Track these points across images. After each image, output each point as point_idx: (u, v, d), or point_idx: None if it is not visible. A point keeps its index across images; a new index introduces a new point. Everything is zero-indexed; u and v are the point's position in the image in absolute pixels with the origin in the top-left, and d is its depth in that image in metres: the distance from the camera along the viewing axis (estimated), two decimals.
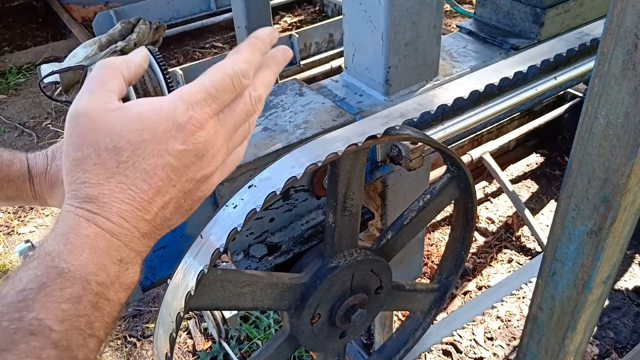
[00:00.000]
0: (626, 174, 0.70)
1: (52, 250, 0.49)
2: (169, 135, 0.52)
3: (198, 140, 0.54)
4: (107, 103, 0.54)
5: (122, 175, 0.52)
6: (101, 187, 0.51)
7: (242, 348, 2.17)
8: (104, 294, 0.50)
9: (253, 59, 0.59)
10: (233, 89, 0.56)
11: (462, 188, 1.04)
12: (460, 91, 1.06)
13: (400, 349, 1.24)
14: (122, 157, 0.52)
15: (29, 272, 0.48)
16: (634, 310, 2.24)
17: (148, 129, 0.52)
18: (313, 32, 3.56)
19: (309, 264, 0.95)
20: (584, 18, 1.41)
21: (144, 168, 0.52)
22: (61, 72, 1.95)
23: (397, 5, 1.04)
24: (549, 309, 0.94)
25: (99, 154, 0.52)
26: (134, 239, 0.53)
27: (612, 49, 0.65)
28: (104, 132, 0.52)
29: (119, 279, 0.52)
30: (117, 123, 0.52)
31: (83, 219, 0.51)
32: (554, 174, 2.96)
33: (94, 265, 0.49)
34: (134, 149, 0.52)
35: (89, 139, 0.52)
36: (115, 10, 3.73)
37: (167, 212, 0.55)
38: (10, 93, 4.02)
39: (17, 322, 0.44)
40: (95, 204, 0.51)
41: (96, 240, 0.50)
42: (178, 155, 0.53)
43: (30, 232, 2.84)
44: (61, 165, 0.81)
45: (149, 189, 0.52)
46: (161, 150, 0.52)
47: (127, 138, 0.52)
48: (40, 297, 0.46)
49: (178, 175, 0.54)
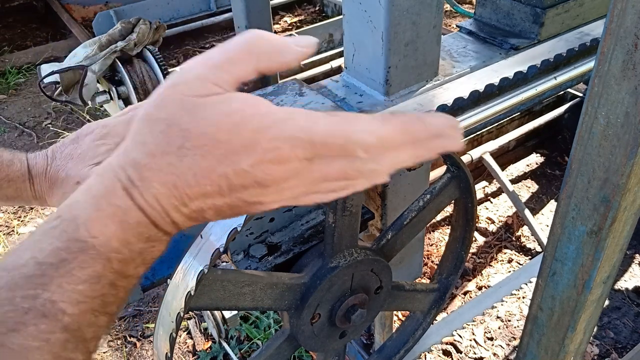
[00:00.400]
0: (626, 174, 0.70)
1: (79, 214, 0.46)
2: (244, 151, 0.46)
3: (269, 172, 0.47)
4: (215, 85, 0.48)
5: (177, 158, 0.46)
6: (152, 159, 0.47)
7: (242, 348, 2.18)
8: (123, 272, 0.47)
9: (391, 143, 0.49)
10: (341, 152, 0.48)
11: (462, 188, 1.04)
12: (460, 91, 1.07)
13: (400, 349, 1.24)
14: (187, 144, 0.46)
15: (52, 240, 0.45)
16: (634, 310, 2.24)
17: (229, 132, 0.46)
18: (313, 32, 3.56)
19: (309, 264, 0.95)
20: (584, 18, 1.41)
21: (200, 165, 0.47)
22: (61, 72, 1.95)
23: (397, 5, 1.04)
24: (549, 309, 0.94)
25: (170, 125, 0.47)
26: (164, 222, 0.49)
27: (612, 49, 0.65)
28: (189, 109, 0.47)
29: (142, 255, 0.49)
30: (207, 109, 0.47)
31: (119, 185, 0.47)
32: (554, 174, 2.96)
33: (119, 241, 0.46)
34: (203, 142, 0.46)
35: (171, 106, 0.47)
36: (115, 10, 3.73)
37: (206, 214, 0.50)
38: (10, 93, 4.03)
39: (31, 301, 0.43)
40: (138, 173, 0.47)
41: (126, 214, 0.46)
42: (241, 174, 0.47)
43: (30, 232, 2.84)
44: (61, 165, 0.81)
45: (196, 186, 0.47)
46: (227, 159, 0.47)
47: (204, 128, 0.46)
48: (57, 276, 0.44)
49: (230, 191, 0.48)
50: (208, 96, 0.47)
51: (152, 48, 2.04)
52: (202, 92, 0.47)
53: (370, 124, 0.49)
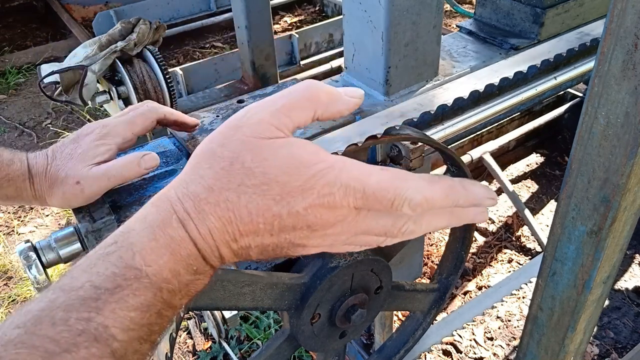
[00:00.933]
0: (626, 174, 0.70)
1: (136, 241, 0.48)
2: (300, 193, 0.50)
3: (321, 216, 0.51)
4: (277, 130, 0.51)
5: (236, 195, 0.49)
6: (210, 193, 0.49)
7: (242, 348, 2.17)
8: (170, 302, 0.49)
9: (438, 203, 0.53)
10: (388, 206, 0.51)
11: None
12: (460, 91, 1.06)
13: (400, 349, 1.24)
14: (248, 182, 0.49)
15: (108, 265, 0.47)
16: (634, 310, 2.24)
17: (288, 174, 0.50)
18: (313, 32, 3.56)
19: (309, 264, 0.95)
20: (584, 18, 1.41)
21: (257, 203, 0.50)
22: (61, 72, 1.95)
23: (397, 5, 1.04)
24: (549, 309, 0.94)
25: (232, 163, 0.50)
26: (212, 256, 0.51)
27: (612, 49, 0.65)
28: (252, 150, 0.50)
29: (188, 287, 0.51)
30: (270, 151, 0.50)
31: (176, 216, 0.49)
32: (554, 174, 2.96)
33: (170, 272, 0.48)
34: (263, 181, 0.49)
35: (235, 145, 0.50)
36: (115, 10, 3.73)
37: (251, 252, 0.53)
38: (10, 93, 4.02)
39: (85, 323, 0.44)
40: (195, 205, 0.49)
41: (179, 246, 0.49)
42: (293, 214, 0.50)
43: (30, 232, 2.84)
44: (61, 165, 0.81)
45: (249, 223, 0.50)
46: (284, 200, 0.50)
47: (265, 169, 0.50)
48: (112, 301, 0.45)
49: (280, 230, 0.51)
50: (271, 139, 0.51)
51: (152, 48, 2.04)
52: (265, 135, 0.51)
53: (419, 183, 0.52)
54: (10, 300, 2.50)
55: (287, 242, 0.52)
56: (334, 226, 0.52)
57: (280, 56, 3.19)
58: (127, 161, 0.83)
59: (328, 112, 0.55)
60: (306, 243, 0.53)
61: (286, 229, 0.51)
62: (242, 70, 2.55)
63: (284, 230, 0.51)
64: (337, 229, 0.52)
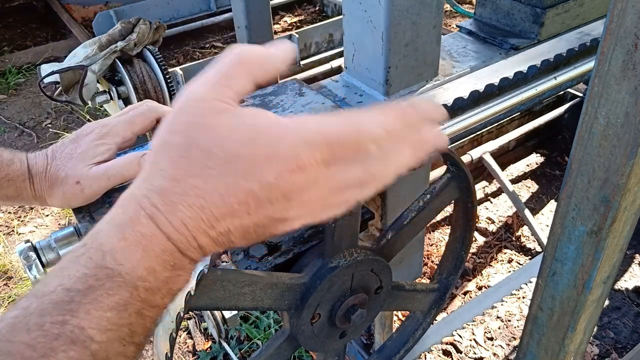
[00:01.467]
0: (626, 174, 0.70)
1: (105, 242, 0.47)
2: (266, 162, 0.48)
3: (293, 181, 0.48)
4: (223, 102, 0.49)
5: (202, 179, 0.47)
6: (175, 184, 0.47)
7: (242, 348, 2.18)
8: (150, 301, 0.47)
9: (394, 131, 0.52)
10: (355, 149, 0.50)
11: (462, 188, 1.04)
12: (460, 91, 1.07)
13: (400, 349, 1.24)
14: (211, 163, 0.47)
15: (79, 268, 0.45)
16: (634, 310, 2.24)
17: (249, 146, 0.48)
18: (313, 32, 3.56)
19: (309, 264, 0.95)
20: (584, 18, 1.41)
21: (226, 183, 0.47)
22: (61, 72, 1.95)
23: (397, 5, 1.04)
24: (549, 309, 0.94)
25: (189, 148, 0.48)
26: (190, 248, 0.49)
27: (612, 49, 0.65)
28: (205, 130, 0.48)
29: (168, 285, 0.48)
30: (223, 127, 0.48)
31: (144, 212, 0.47)
32: (554, 174, 2.96)
33: (144, 270, 0.46)
34: (226, 159, 0.47)
35: (187, 130, 0.48)
36: (115, 10, 3.73)
37: (232, 236, 0.50)
38: (10, 93, 4.03)
39: (60, 327, 0.43)
40: (163, 199, 0.47)
41: (151, 242, 0.47)
42: (266, 186, 0.48)
43: (30, 232, 2.84)
44: (61, 165, 0.81)
45: (223, 206, 0.48)
46: (251, 173, 0.47)
47: (225, 146, 0.47)
48: (86, 302, 0.44)
49: (257, 206, 0.49)
50: (219, 114, 0.48)
51: (152, 48, 2.04)
52: (212, 112, 0.48)
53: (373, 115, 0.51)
54: (10, 300, 2.50)
55: (267, 219, 0.50)
56: (309, 190, 0.50)
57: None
58: (126, 161, 0.83)
59: (265, 71, 0.53)
60: (286, 215, 0.51)
61: (262, 203, 0.49)
62: None
63: (260, 205, 0.49)
64: (313, 192, 0.50)
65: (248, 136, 0.48)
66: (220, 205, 0.48)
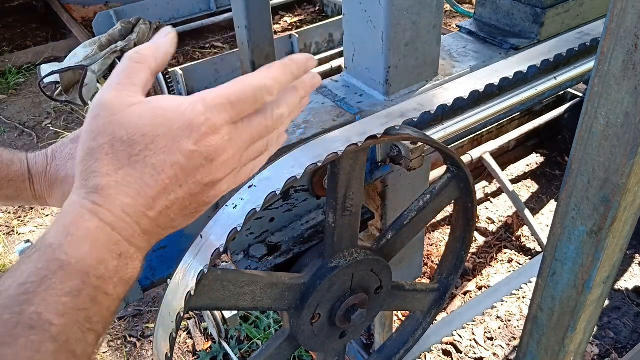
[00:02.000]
0: (626, 174, 0.70)
1: (53, 242, 0.50)
2: (183, 134, 0.53)
3: (210, 143, 0.54)
4: (130, 97, 0.54)
5: (131, 168, 0.52)
6: (109, 178, 0.52)
7: (242, 348, 2.18)
8: (103, 288, 0.50)
9: (282, 79, 0.59)
10: (254, 102, 0.57)
11: (462, 188, 1.04)
12: (460, 91, 1.06)
13: (400, 349, 1.24)
14: (135, 150, 0.52)
15: (30, 265, 0.48)
16: (634, 310, 2.24)
17: (164, 125, 0.53)
18: (313, 32, 3.56)
19: (309, 264, 0.95)
20: (584, 18, 1.41)
21: (153, 163, 0.52)
22: (61, 72, 1.95)
23: (397, 5, 1.04)
24: (549, 309, 0.94)
25: (113, 144, 0.52)
26: (134, 234, 0.53)
27: (612, 49, 0.65)
28: (121, 124, 0.52)
29: (118, 274, 0.52)
30: (136, 116, 0.53)
31: (86, 210, 0.51)
32: (554, 174, 2.96)
33: (94, 259, 0.50)
34: (147, 142, 0.52)
35: (106, 130, 0.53)
36: (115, 10, 3.74)
37: (171, 213, 0.55)
38: (10, 93, 4.03)
39: (18, 316, 0.45)
40: (101, 195, 0.51)
41: (97, 234, 0.50)
42: (189, 155, 0.53)
43: (30, 232, 2.85)
44: (61, 165, 0.81)
45: (156, 185, 0.53)
46: (173, 147, 0.53)
47: (142, 131, 0.52)
48: (41, 291, 0.46)
49: (186, 176, 0.54)
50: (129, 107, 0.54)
51: None
52: (122, 107, 0.54)
53: (260, 73, 0.58)
54: None
55: (198, 186, 0.55)
56: (226, 150, 0.55)
57: (280, 56, 3.16)
58: None
59: (160, 60, 0.59)
60: (214, 178, 0.56)
61: (189, 171, 0.54)
62: (242, 70, 2.55)
63: (188, 174, 0.54)
64: (229, 150, 0.56)
65: (161, 117, 0.53)
66: (154, 185, 0.52)
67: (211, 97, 0.55)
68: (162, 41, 0.61)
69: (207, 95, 0.55)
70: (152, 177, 0.52)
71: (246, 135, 0.58)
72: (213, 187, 0.57)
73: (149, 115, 0.53)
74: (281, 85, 0.59)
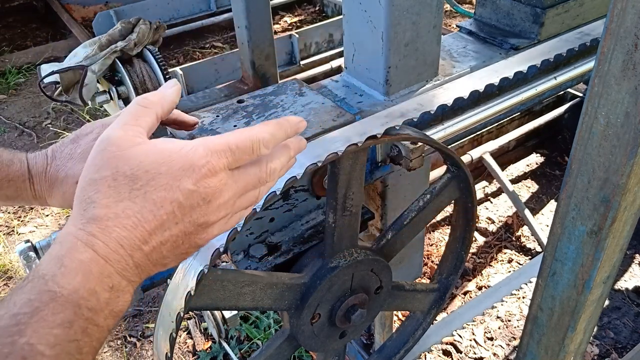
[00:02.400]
0: (626, 174, 0.70)
1: (46, 273, 0.51)
2: (184, 173, 0.56)
3: (209, 184, 0.57)
4: (136, 137, 0.58)
5: (131, 201, 0.54)
6: (108, 210, 0.53)
7: (242, 348, 2.18)
8: (94, 320, 0.51)
9: (277, 135, 0.64)
10: (251, 152, 0.60)
11: (462, 188, 1.04)
12: (460, 91, 1.06)
13: (400, 349, 1.24)
14: (136, 185, 0.54)
15: (23, 296, 0.49)
16: (634, 310, 2.24)
17: (166, 164, 0.55)
18: (313, 32, 3.56)
19: (309, 264, 0.95)
20: (584, 18, 1.41)
21: (153, 199, 0.54)
22: (61, 72, 1.95)
23: (397, 5, 1.04)
24: (549, 309, 0.94)
25: (115, 178, 0.55)
26: (127, 268, 0.54)
27: (612, 49, 0.65)
28: (126, 160, 0.55)
29: (109, 306, 0.53)
30: (140, 154, 0.56)
31: (81, 242, 0.52)
32: (554, 174, 2.96)
33: (86, 291, 0.51)
34: (149, 179, 0.55)
35: (110, 164, 0.55)
36: (115, 10, 3.73)
37: (164, 249, 0.57)
38: (10, 93, 4.02)
39: (10, 347, 0.46)
40: (98, 225, 0.53)
41: (90, 266, 0.51)
42: (187, 194, 0.56)
43: (30, 232, 2.84)
44: (61, 165, 0.81)
45: (153, 219, 0.55)
46: (173, 185, 0.55)
47: (145, 168, 0.55)
48: (33, 322, 0.47)
49: (182, 214, 0.56)
50: (135, 146, 0.57)
51: (152, 48, 2.04)
52: (128, 145, 0.57)
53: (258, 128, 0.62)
54: None
55: (192, 225, 0.57)
56: (222, 193, 0.58)
57: (280, 56, 3.19)
58: None
59: (165, 107, 0.65)
60: (208, 220, 0.59)
61: (187, 209, 0.56)
62: (242, 70, 2.55)
63: (185, 212, 0.56)
64: (225, 195, 0.59)
65: (164, 156, 0.56)
66: (151, 220, 0.55)
67: (213, 143, 0.58)
68: (170, 91, 0.66)
69: (209, 141, 0.58)
70: (151, 212, 0.54)
71: (241, 182, 0.61)
72: (206, 229, 0.59)
73: (153, 154, 0.56)
74: (276, 140, 0.64)
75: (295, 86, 1.16)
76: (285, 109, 1.08)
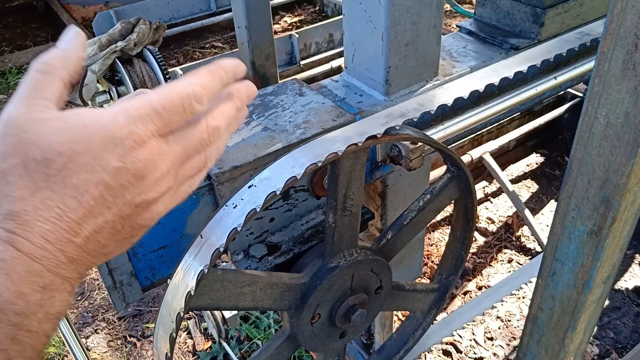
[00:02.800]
0: (626, 174, 0.70)
1: None
2: (106, 149, 0.47)
3: (137, 158, 0.48)
4: (42, 112, 0.48)
5: (49, 190, 0.46)
6: (24, 203, 0.46)
7: (242, 348, 2.18)
8: (24, 325, 0.45)
9: (210, 86, 0.54)
10: (182, 111, 0.51)
11: (462, 188, 1.04)
12: (460, 91, 1.06)
13: (400, 349, 1.24)
14: (52, 170, 0.46)
15: None
16: (634, 310, 2.24)
17: (83, 141, 0.47)
18: (313, 32, 3.56)
19: (309, 264, 0.95)
20: (584, 18, 1.41)
21: (74, 184, 0.46)
22: None
23: (397, 5, 1.04)
24: (549, 309, 0.94)
25: (26, 165, 0.46)
26: (59, 264, 0.47)
27: (612, 49, 0.65)
28: (34, 142, 0.47)
29: (43, 308, 0.46)
30: (50, 133, 0.47)
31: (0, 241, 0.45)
32: (554, 174, 2.96)
33: (11, 293, 0.44)
34: (65, 161, 0.46)
35: (17, 150, 0.47)
36: (115, 10, 3.73)
37: (101, 238, 0.49)
38: (10, 93, 4.02)
39: None
40: (16, 221, 0.45)
41: (13, 265, 0.45)
42: (114, 172, 0.47)
43: None
44: None
45: (79, 207, 0.47)
46: (95, 165, 0.47)
47: (58, 149, 0.46)
48: None
49: (113, 196, 0.48)
50: (40, 124, 0.47)
51: (152, 48, 2.04)
52: (33, 125, 0.47)
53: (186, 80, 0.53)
54: None
55: (129, 207, 0.50)
56: (157, 165, 0.50)
57: (280, 56, 3.19)
58: None
59: (71, 67, 0.53)
60: (147, 198, 0.50)
61: (116, 191, 0.48)
62: None
63: (116, 194, 0.48)
64: (161, 167, 0.51)
65: (79, 132, 0.47)
66: (77, 207, 0.47)
67: (134, 107, 0.49)
68: (72, 46, 0.54)
69: (129, 105, 0.49)
70: (75, 199, 0.46)
71: (179, 149, 0.52)
72: (147, 208, 0.51)
73: (65, 131, 0.47)
74: (210, 92, 0.54)
75: (295, 86, 1.16)
76: (285, 108, 1.08)
